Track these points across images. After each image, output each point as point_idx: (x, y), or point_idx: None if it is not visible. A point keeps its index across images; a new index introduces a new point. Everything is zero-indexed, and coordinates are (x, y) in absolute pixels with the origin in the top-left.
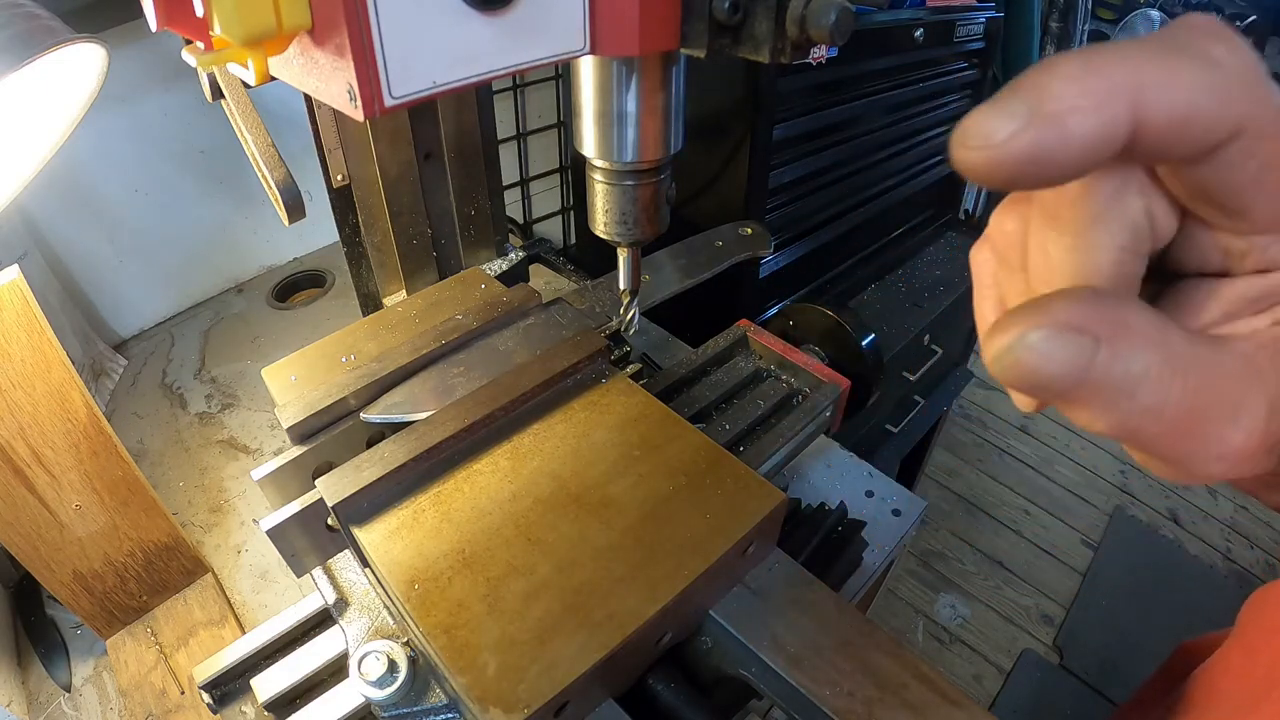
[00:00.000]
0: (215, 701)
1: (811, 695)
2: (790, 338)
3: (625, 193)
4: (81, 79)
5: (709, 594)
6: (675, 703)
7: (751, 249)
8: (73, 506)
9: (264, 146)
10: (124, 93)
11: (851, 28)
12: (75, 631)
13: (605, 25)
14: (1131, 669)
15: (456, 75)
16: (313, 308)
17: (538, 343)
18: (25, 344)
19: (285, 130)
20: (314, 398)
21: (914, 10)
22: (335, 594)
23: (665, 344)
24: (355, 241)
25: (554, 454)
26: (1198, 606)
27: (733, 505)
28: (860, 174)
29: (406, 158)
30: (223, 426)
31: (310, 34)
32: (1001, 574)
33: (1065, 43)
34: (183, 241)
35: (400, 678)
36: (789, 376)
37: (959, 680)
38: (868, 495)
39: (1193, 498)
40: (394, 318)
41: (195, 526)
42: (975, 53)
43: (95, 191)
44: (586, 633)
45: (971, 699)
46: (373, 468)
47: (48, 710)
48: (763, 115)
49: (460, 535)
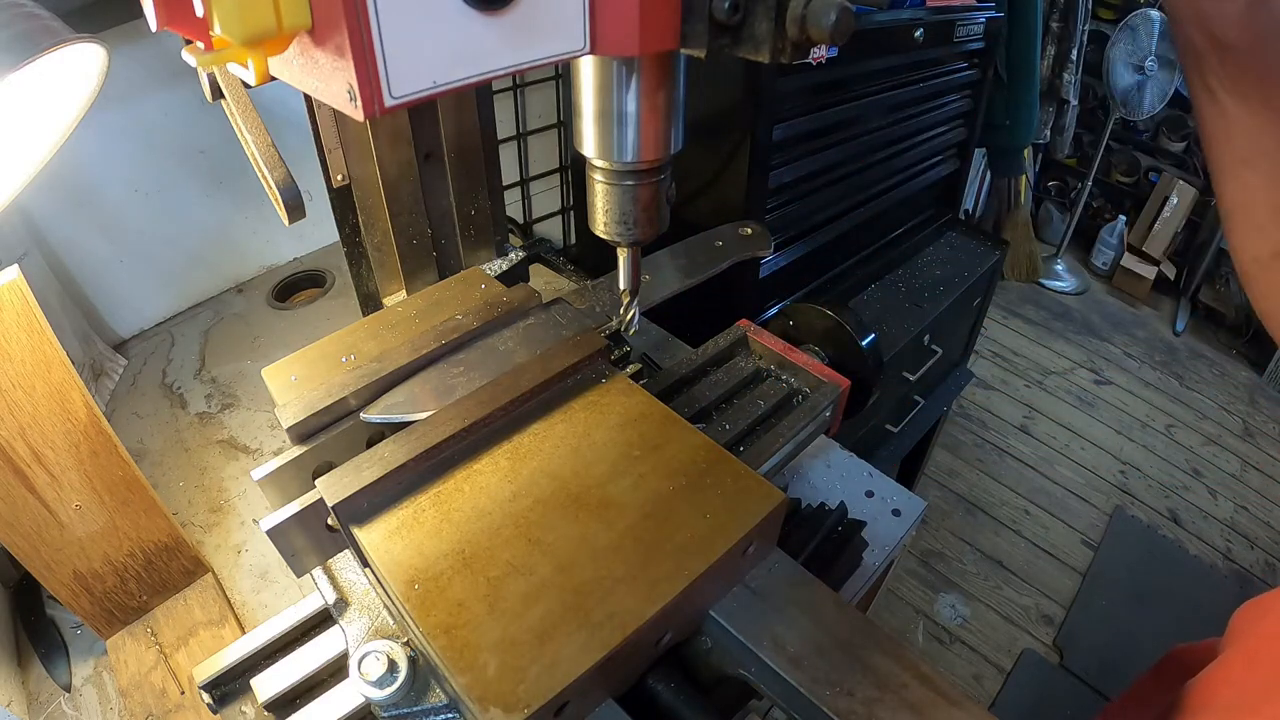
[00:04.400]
0: (215, 701)
1: (811, 695)
2: (790, 338)
3: (625, 193)
4: (81, 79)
5: (709, 594)
6: (675, 703)
7: (751, 249)
8: (73, 506)
9: (264, 146)
10: (124, 93)
11: (851, 28)
12: (75, 631)
13: (605, 25)
14: (1131, 669)
15: (456, 75)
16: (313, 308)
17: (538, 343)
18: (25, 344)
19: (285, 130)
20: (314, 398)
21: (914, 10)
22: (335, 594)
23: (665, 344)
24: (355, 241)
25: (554, 454)
26: (1198, 606)
27: (733, 505)
28: (860, 174)
29: (406, 158)
30: (223, 426)
31: (310, 34)
32: (1001, 574)
33: (1066, 42)
34: (183, 241)
35: (400, 678)
36: (789, 376)
37: (959, 680)
38: (868, 495)
39: (1193, 498)
40: (394, 318)
41: (195, 526)
42: (975, 53)
43: (95, 191)
44: (586, 633)
45: (971, 699)
46: (373, 468)
47: (48, 710)
48: (763, 115)
49: (460, 535)
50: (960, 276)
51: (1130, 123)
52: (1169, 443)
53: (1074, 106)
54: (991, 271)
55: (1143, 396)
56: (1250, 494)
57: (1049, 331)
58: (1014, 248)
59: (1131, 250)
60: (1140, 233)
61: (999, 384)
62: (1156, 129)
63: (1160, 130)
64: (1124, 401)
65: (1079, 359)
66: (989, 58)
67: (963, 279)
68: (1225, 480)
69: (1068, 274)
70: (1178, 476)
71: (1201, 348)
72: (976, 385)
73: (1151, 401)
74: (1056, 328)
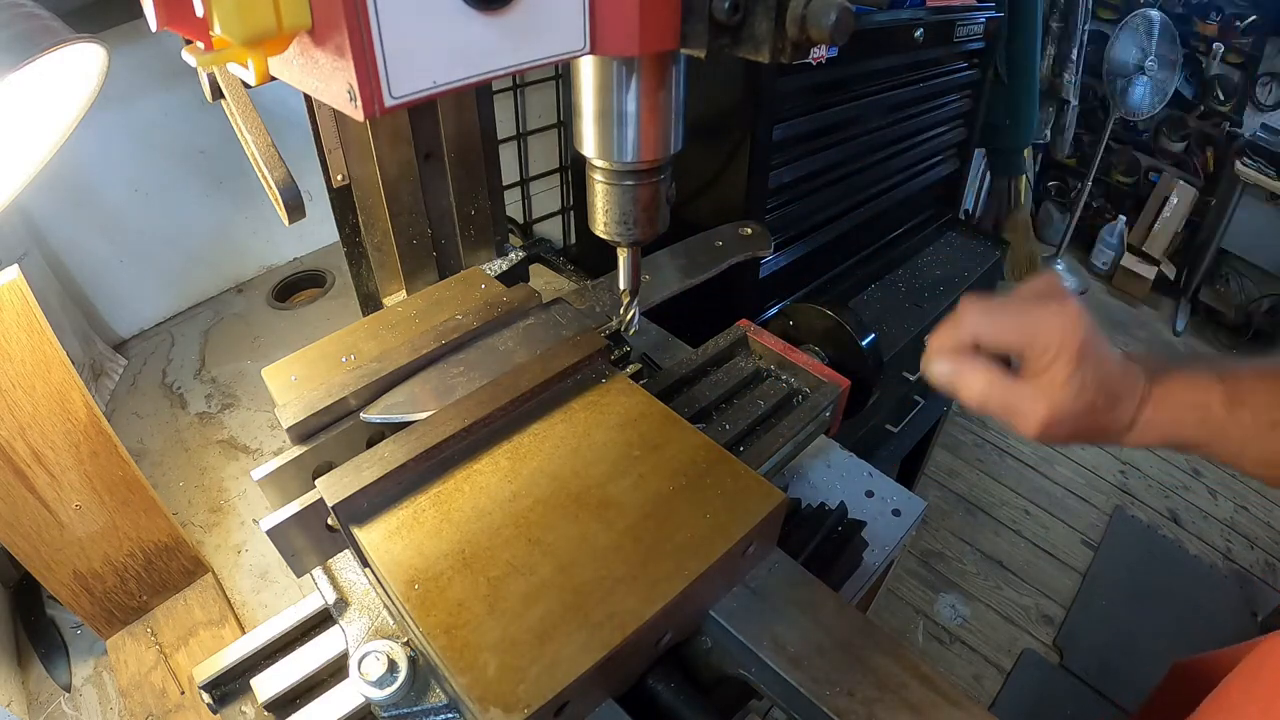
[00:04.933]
0: (215, 701)
1: (811, 695)
2: (790, 338)
3: (625, 193)
4: (81, 79)
5: (709, 594)
6: (675, 703)
7: (751, 249)
8: (73, 506)
9: (264, 146)
10: (124, 93)
11: (851, 28)
12: (75, 631)
13: (605, 25)
14: (1131, 669)
15: (456, 75)
16: (313, 308)
17: (538, 343)
18: (25, 344)
19: (285, 130)
20: (314, 398)
21: (914, 10)
22: (335, 594)
23: (665, 344)
24: (355, 241)
25: (554, 454)
26: (1198, 606)
27: (733, 505)
28: (860, 174)
29: (406, 158)
30: (223, 426)
31: (310, 34)
32: (1001, 574)
33: (1066, 42)
34: (183, 241)
35: (400, 678)
36: (789, 376)
37: (959, 680)
38: (868, 495)
39: (1193, 498)
40: (394, 318)
41: (195, 526)
42: (975, 53)
43: (95, 191)
44: (586, 633)
45: (971, 699)
46: (373, 468)
47: (48, 710)
48: (763, 115)
49: (460, 535)
50: (960, 276)
51: (1130, 123)
52: None
53: (1074, 106)
54: (991, 271)
55: None
56: (1250, 494)
57: None
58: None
59: (1131, 250)
60: (1140, 233)
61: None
62: (1156, 129)
63: (1160, 130)
64: None
65: None
66: (989, 58)
67: (963, 279)
68: (1225, 480)
69: (1068, 274)
70: (1178, 476)
71: (1201, 348)
72: None
73: None
74: None
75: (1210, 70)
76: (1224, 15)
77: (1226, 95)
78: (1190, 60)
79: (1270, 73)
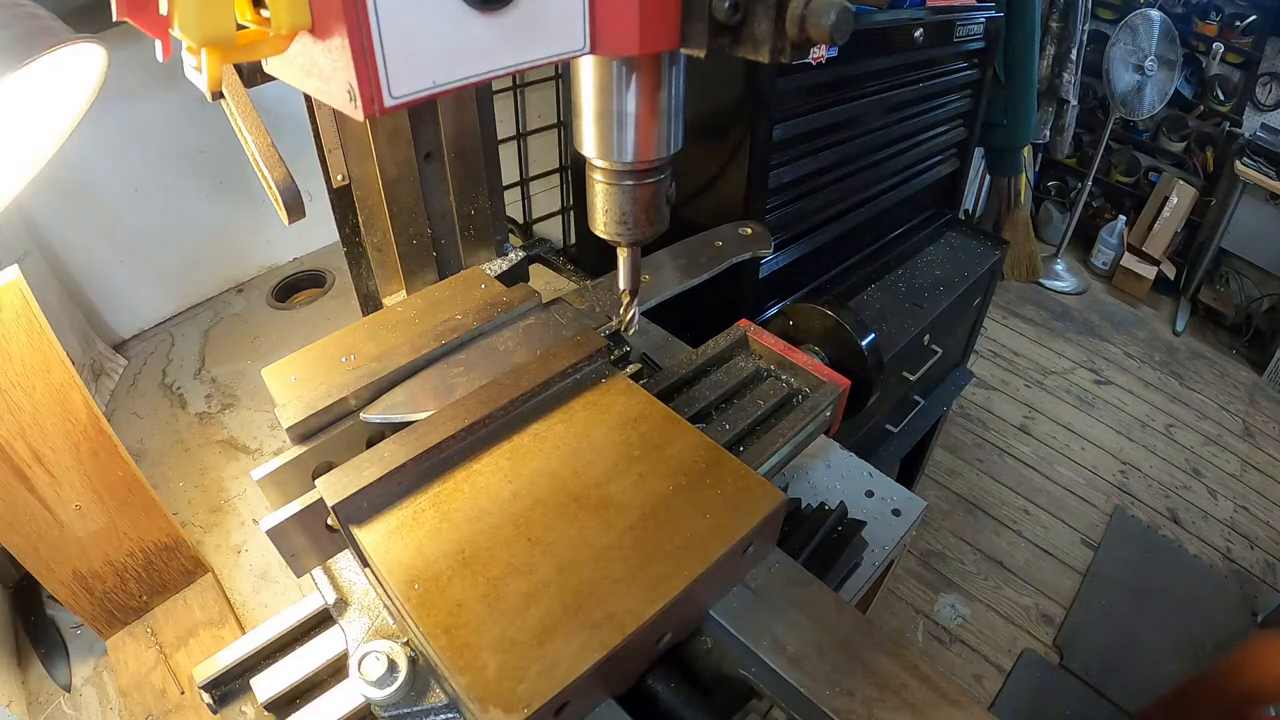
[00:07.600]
0: (215, 701)
1: (811, 695)
2: (790, 338)
3: (625, 192)
4: (81, 79)
5: (709, 594)
6: (675, 703)
7: (751, 249)
8: (73, 506)
9: (264, 146)
10: (124, 93)
11: (851, 28)
12: (75, 631)
13: (605, 25)
14: (1131, 669)
15: (456, 75)
16: (313, 308)
17: (538, 343)
18: (25, 344)
19: (285, 130)
20: (314, 398)
21: (914, 10)
22: (335, 594)
23: (665, 344)
24: (355, 241)
25: (554, 454)
26: (1198, 606)
27: (733, 505)
28: (860, 174)
29: (406, 158)
30: (223, 426)
31: (310, 34)
32: (1001, 574)
33: (1065, 42)
34: (183, 241)
35: (400, 678)
36: (789, 376)
37: (959, 680)
38: (868, 495)
39: (1193, 498)
40: (394, 318)
41: (195, 526)
42: (975, 53)
43: (95, 191)
44: (586, 633)
45: (971, 699)
46: (373, 468)
47: (48, 710)
48: (763, 115)
49: (460, 535)
50: (960, 276)
51: (1130, 123)
52: (1169, 442)
53: (1074, 106)
54: (991, 271)
55: (1143, 396)
56: (1250, 494)
57: (1049, 331)
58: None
59: (1131, 250)
60: (1140, 233)
61: (999, 384)
62: (1156, 129)
63: (1160, 130)
64: (1124, 401)
65: (1079, 359)
66: (988, 57)
67: (963, 279)
68: (1225, 480)
69: (1068, 274)
70: (1178, 476)
71: (1201, 347)
72: (976, 385)
73: (1151, 401)
74: (1056, 328)
75: (1210, 70)
76: (1224, 15)
77: (1226, 95)
78: (1190, 60)
79: (1270, 73)
